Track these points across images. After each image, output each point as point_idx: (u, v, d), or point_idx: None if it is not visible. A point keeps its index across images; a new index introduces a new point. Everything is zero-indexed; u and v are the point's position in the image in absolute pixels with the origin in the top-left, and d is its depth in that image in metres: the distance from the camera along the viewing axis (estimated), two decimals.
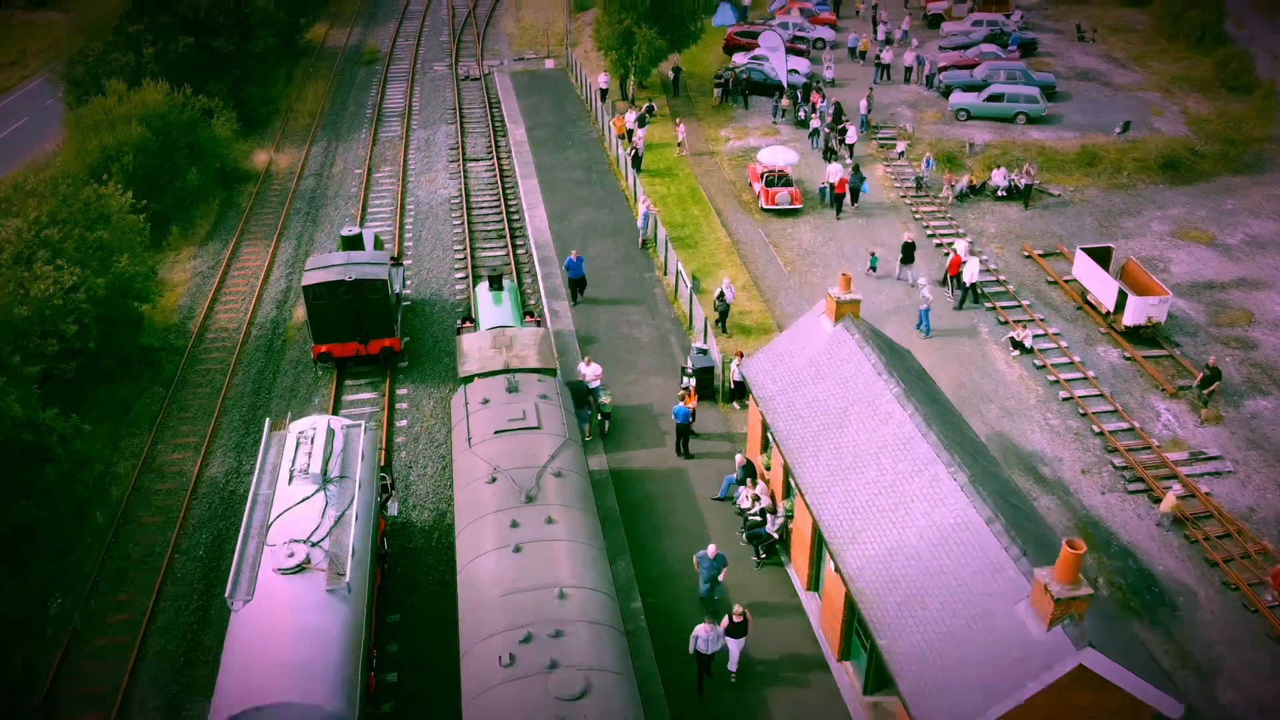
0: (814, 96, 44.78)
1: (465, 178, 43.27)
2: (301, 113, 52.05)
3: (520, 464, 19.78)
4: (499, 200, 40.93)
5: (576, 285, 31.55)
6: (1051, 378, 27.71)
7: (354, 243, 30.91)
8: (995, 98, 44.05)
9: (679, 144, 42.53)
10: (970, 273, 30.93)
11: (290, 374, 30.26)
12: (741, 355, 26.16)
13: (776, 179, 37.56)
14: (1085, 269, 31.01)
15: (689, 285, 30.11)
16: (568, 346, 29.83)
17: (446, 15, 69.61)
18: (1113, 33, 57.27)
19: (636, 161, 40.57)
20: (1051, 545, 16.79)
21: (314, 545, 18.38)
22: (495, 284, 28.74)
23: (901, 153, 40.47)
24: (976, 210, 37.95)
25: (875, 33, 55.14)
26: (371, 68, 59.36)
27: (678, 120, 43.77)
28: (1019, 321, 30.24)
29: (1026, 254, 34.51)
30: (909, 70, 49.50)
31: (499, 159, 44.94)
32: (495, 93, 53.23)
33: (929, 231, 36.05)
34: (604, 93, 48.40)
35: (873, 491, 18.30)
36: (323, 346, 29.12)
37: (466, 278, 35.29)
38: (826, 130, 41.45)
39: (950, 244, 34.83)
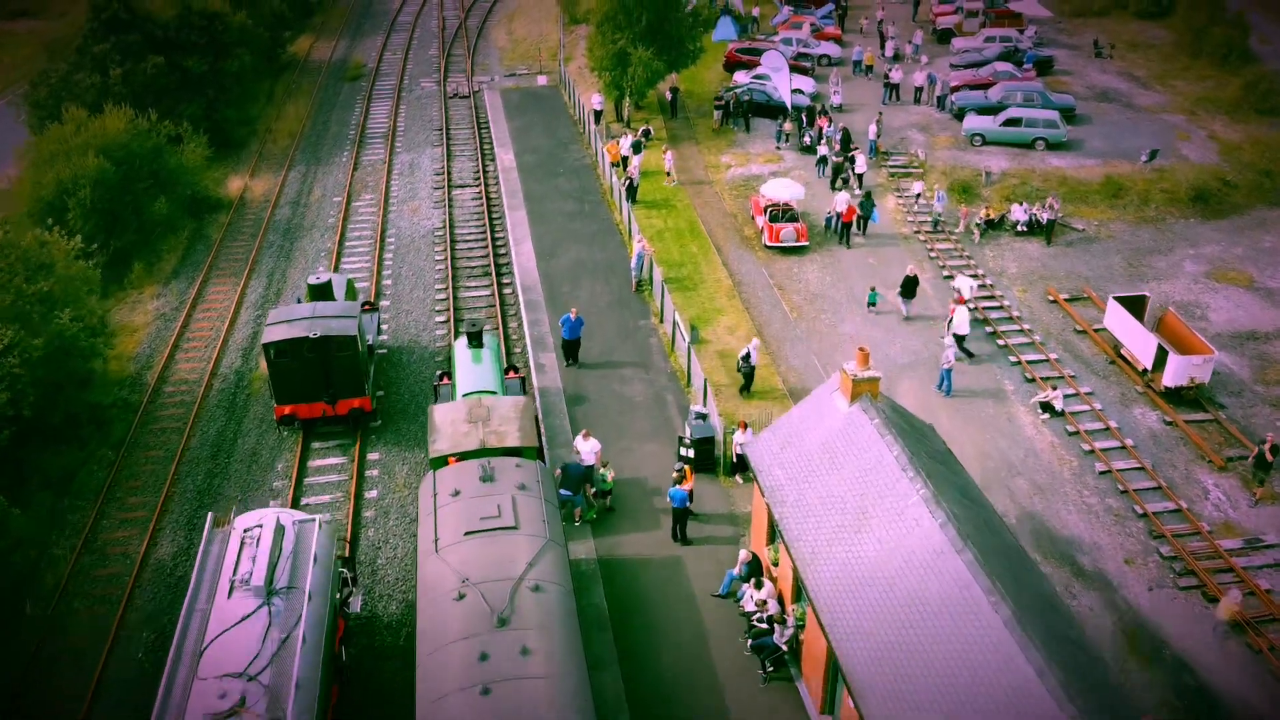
0: (820, 120, 42.25)
1: (450, 207, 40.75)
2: (281, 134, 49.51)
3: (493, 575, 17.23)
4: (485, 233, 38.41)
5: (572, 347, 28.46)
6: (1086, 446, 25.18)
7: (322, 291, 28.38)
8: (1013, 122, 41.53)
9: (667, 174, 39.93)
10: (960, 322, 28.56)
11: (253, 435, 27.74)
12: (745, 426, 23.63)
13: (781, 214, 35.04)
14: (1118, 320, 28.50)
15: (686, 339, 27.58)
16: (554, 406, 27.31)
17: (436, 27, 67.06)
18: (1131, 49, 54.75)
19: (631, 193, 38.05)
20: (1113, 701, 14.26)
21: (251, 679, 15.86)
22: (475, 340, 26.21)
23: (919, 195, 37.82)
24: (995, 247, 35.42)
25: (883, 49, 52.56)
26: (356, 84, 56.82)
27: (666, 148, 41.07)
28: (1047, 380, 27.70)
29: (1051, 298, 31.98)
30: (919, 90, 46.98)
31: (486, 185, 42.43)
32: (485, 112, 50.71)
33: (946, 272, 33.48)
34: (598, 114, 45.93)
35: (899, 623, 15.74)
36: (286, 408, 26.60)
37: (448, 322, 32.79)
38: (836, 159, 38.89)
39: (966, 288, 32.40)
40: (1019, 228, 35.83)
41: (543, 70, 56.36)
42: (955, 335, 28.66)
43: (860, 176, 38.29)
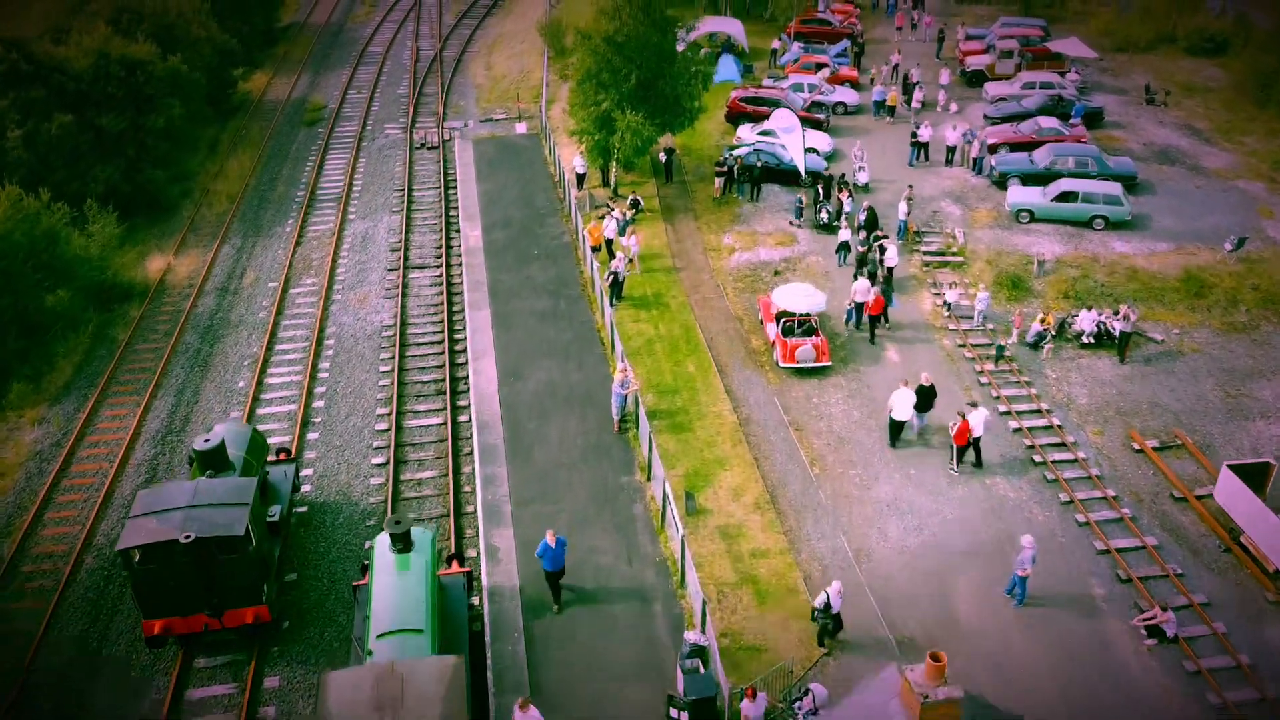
0: (840, 194, 35.93)
1: (404, 297, 34.50)
2: (220, 195, 43.22)
3: None
4: (443, 333, 32.17)
5: (555, 578, 20.94)
6: (1214, 698, 18.88)
7: (212, 459, 22.04)
8: (1067, 197, 35.23)
9: (630, 261, 33.42)
10: (978, 423, 24.33)
11: (122, 643, 21.50)
12: (754, 693, 17.27)
13: (797, 326, 28.74)
14: (1236, 497, 22.23)
15: (679, 526, 21.27)
16: (506, 613, 21.01)
17: (409, 60, 60.75)
18: (1186, 93, 48.45)
19: (616, 289, 31.74)
20: None
21: None
22: (400, 541, 19.89)
23: (948, 304, 31.31)
24: (1059, 364, 29.11)
25: (910, 97, 46.12)
26: (313, 130, 50.56)
27: (632, 231, 34.33)
28: (1146, 580, 21.37)
29: (1136, 445, 25.66)
30: (951, 150, 40.65)
31: (448, 267, 36.17)
32: (454, 167, 44.45)
33: (1003, 408, 27.14)
34: (580, 178, 39.65)
35: None
36: (156, 624, 20.30)
37: (387, 464, 26.56)
38: (861, 247, 32.57)
39: (1036, 422, 26.21)
40: (1084, 339, 29.54)
41: (522, 115, 50.08)
42: (955, 447, 24.53)
43: (890, 271, 32.01)
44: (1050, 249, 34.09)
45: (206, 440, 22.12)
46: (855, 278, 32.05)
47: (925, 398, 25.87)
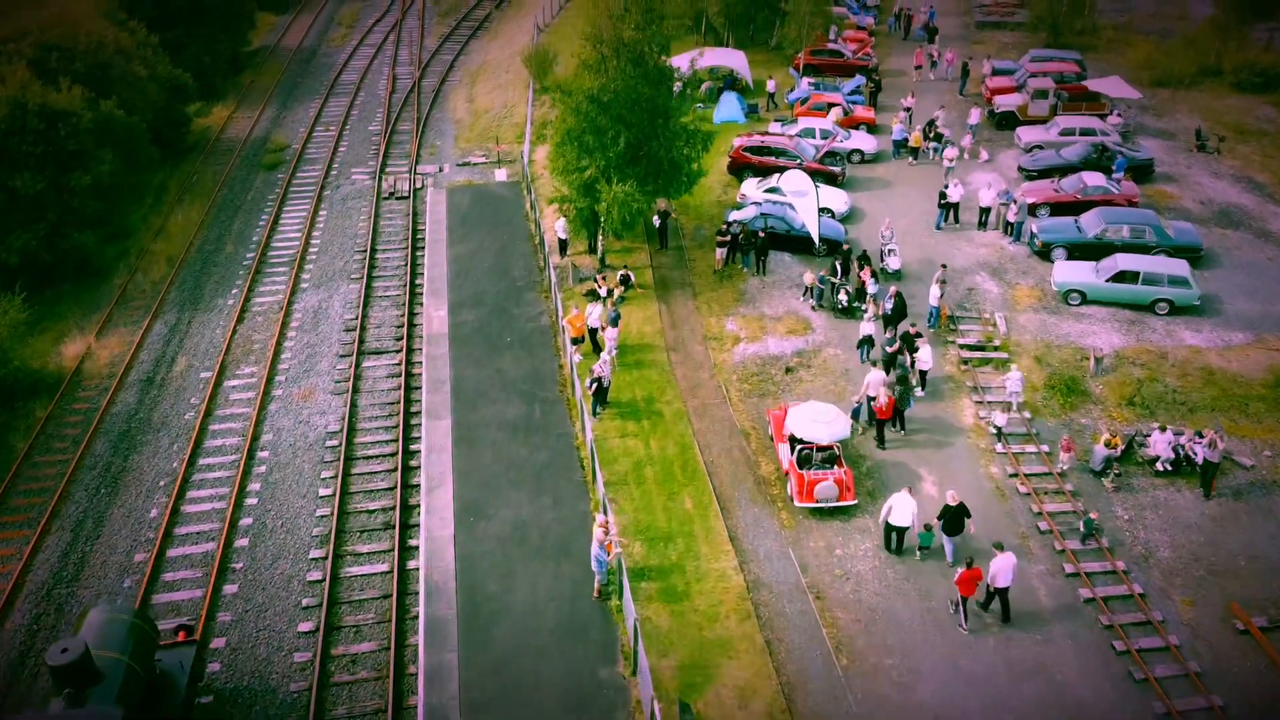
0: (862, 273, 31.04)
1: (355, 393, 29.69)
2: (159, 257, 38.37)
3: None
4: (396, 447, 27.33)
5: None
6: None
7: (72, 675, 17.07)
8: (1125, 277, 30.35)
9: (598, 379, 27.98)
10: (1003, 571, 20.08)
11: None
12: None
13: (816, 454, 23.84)
14: None
15: None
16: None
17: (385, 90, 55.83)
18: (1239, 136, 43.56)
19: (600, 395, 26.86)
20: None
21: None
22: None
23: (999, 431, 25.96)
24: (1129, 501, 24.20)
25: (940, 148, 41.14)
26: (272, 174, 45.67)
27: (605, 329, 29.27)
28: None
29: (1240, 624, 20.74)
30: (985, 211, 35.76)
31: (409, 352, 31.34)
32: (424, 224, 39.59)
33: (1069, 567, 22.23)
34: (563, 243, 34.82)
35: None
36: None
37: (316, 632, 21.75)
38: (889, 346, 27.67)
39: (1113, 589, 21.35)
40: (1160, 466, 24.66)
41: (502, 160, 45.23)
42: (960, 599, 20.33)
43: (924, 375, 27.14)
44: (1107, 340, 29.25)
45: (65, 650, 17.14)
46: (872, 363, 27.36)
47: (954, 520, 21.62)
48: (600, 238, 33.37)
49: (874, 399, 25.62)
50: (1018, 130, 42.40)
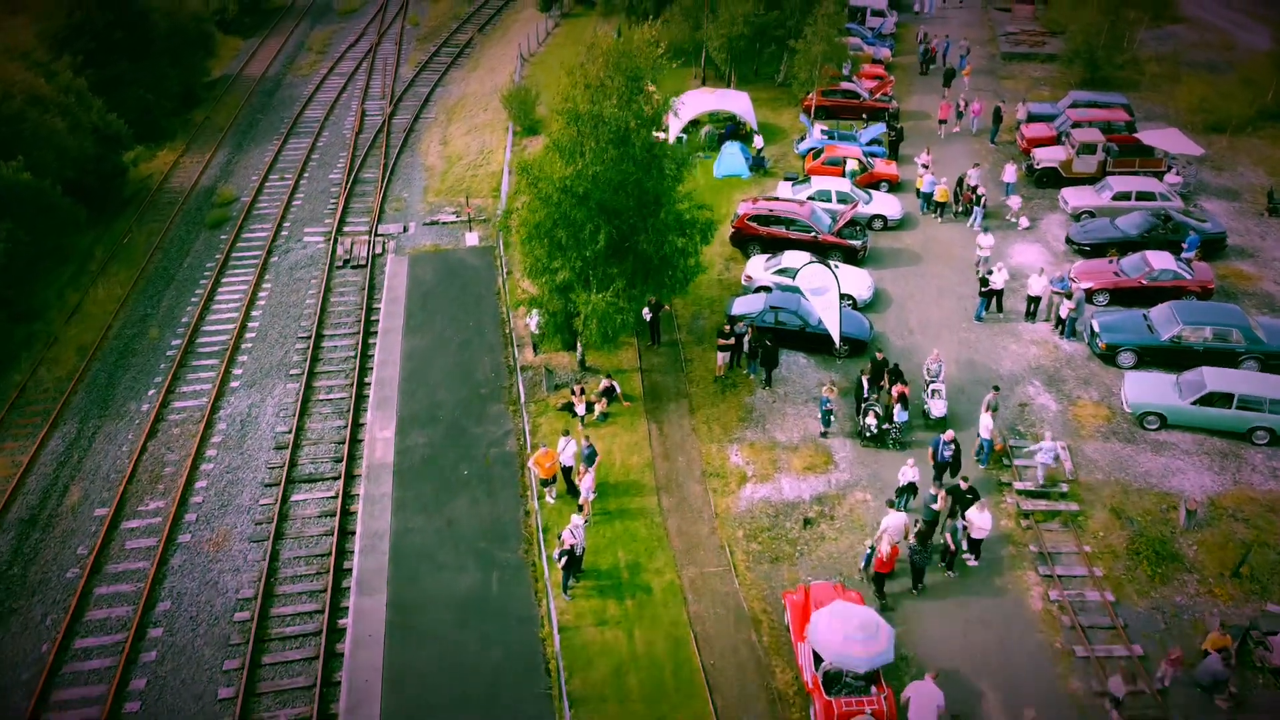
0: (896, 390, 25.56)
1: (277, 539, 24.33)
2: (69, 346, 33.02)
3: None
4: (321, 629, 21.96)
5: None
6: None
7: None
8: (1217, 400, 24.93)
9: (579, 507, 23.05)
10: None
11: None
12: None
13: (846, 673, 18.41)
14: None
15: None
16: None
17: (351, 129, 50.35)
18: None
19: (573, 566, 21.43)
20: None
21: None
22: None
23: (1118, 701, 18.94)
24: None
25: (972, 209, 35.81)
26: (216, 234, 40.25)
27: (582, 474, 23.61)
28: None
29: None
30: (1034, 301, 30.36)
31: (345, 482, 25.97)
32: (379, 301, 34.20)
33: None
34: (537, 339, 29.46)
35: None
36: None
37: None
38: (935, 504, 22.19)
39: None
40: None
41: (474, 221, 39.80)
42: None
43: (978, 544, 21.72)
44: (1197, 480, 23.87)
45: None
46: (892, 506, 22.03)
47: None
48: (579, 342, 27.96)
49: (879, 551, 20.51)
50: (1062, 192, 36.95)
